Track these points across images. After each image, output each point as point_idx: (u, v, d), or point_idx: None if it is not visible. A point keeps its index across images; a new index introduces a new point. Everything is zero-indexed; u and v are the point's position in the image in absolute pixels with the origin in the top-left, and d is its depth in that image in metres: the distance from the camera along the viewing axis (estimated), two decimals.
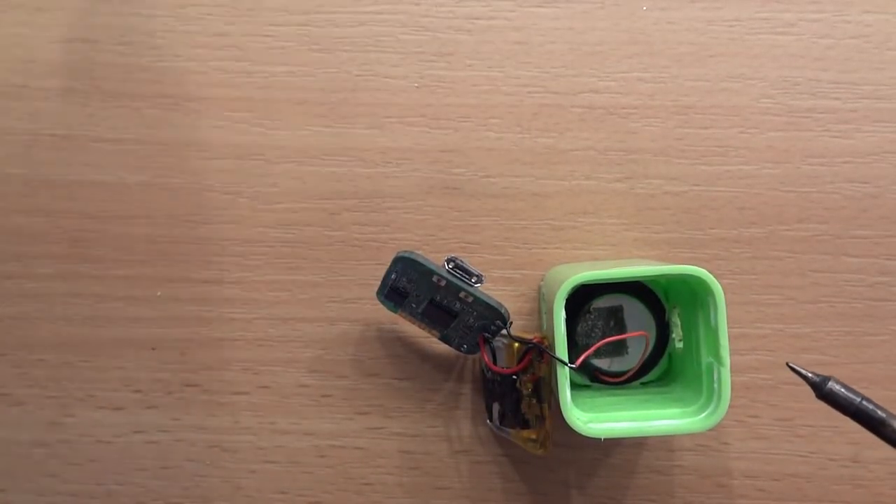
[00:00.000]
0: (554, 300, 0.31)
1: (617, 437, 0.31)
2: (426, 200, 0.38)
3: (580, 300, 0.36)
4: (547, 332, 0.34)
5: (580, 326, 0.36)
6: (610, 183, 0.38)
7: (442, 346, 0.36)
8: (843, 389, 0.27)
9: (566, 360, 0.30)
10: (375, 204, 0.38)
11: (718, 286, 0.30)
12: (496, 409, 0.36)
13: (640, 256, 0.38)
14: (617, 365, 0.36)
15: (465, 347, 0.35)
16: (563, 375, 0.31)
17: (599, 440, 0.32)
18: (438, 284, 0.34)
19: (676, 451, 0.37)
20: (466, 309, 0.34)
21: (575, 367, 0.31)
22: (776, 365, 0.37)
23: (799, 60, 0.38)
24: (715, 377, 0.31)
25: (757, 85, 0.38)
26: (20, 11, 0.39)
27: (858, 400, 0.27)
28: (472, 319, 0.34)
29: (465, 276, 0.34)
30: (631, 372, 0.35)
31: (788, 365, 0.28)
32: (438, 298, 0.34)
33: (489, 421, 0.37)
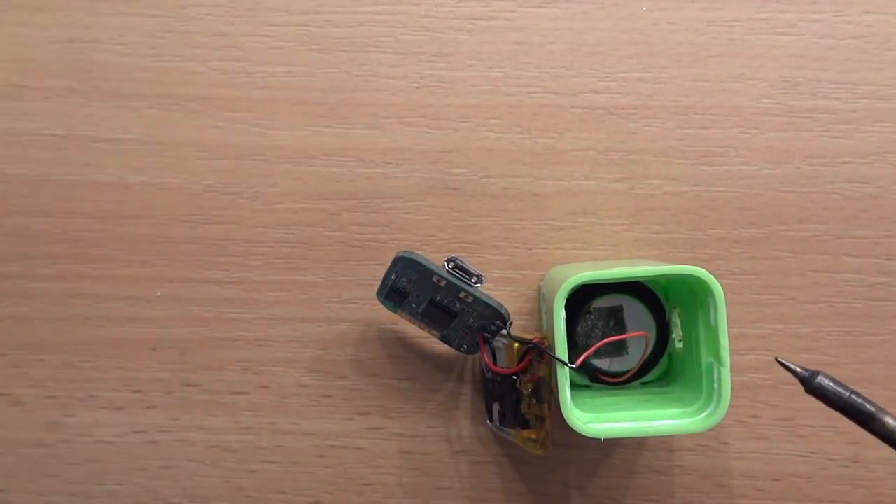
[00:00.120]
0: (554, 300, 0.31)
1: (617, 437, 0.31)
2: (426, 200, 0.38)
3: (580, 300, 0.36)
4: (547, 332, 0.34)
5: (580, 326, 0.36)
6: (610, 183, 0.38)
7: (442, 346, 0.36)
8: (832, 384, 0.27)
9: (566, 360, 0.30)
10: (375, 204, 0.38)
11: (718, 286, 0.30)
12: (496, 409, 0.36)
13: (640, 256, 0.38)
14: (617, 365, 0.36)
15: (465, 347, 0.35)
16: (563, 375, 0.31)
17: (599, 440, 0.32)
18: (438, 284, 0.34)
19: (676, 451, 0.37)
20: (466, 309, 0.34)
21: (575, 367, 0.31)
22: (776, 365, 0.37)
23: (799, 61, 0.38)
24: (715, 377, 0.31)
25: (757, 85, 0.38)
26: (20, 11, 0.39)
27: (847, 394, 0.27)
28: (472, 319, 0.34)
29: (465, 276, 0.34)
30: (631, 372, 0.35)
31: (778, 360, 0.28)
32: (438, 298, 0.34)
33: (489, 421, 0.37)
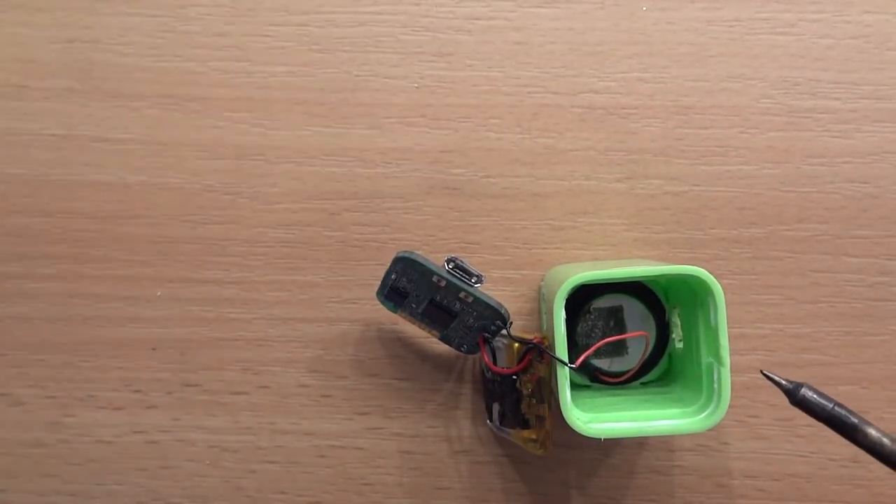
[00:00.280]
0: (554, 300, 0.31)
1: (617, 437, 0.31)
2: (426, 200, 0.38)
3: (580, 300, 0.36)
4: (547, 332, 0.34)
5: (580, 326, 0.36)
6: (610, 183, 0.38)
7: (442, 346, 0.36)
8: (815, 396, 0.27)
9: (566, 360, 0.30)
10: (375, 204, 0.38)
11: (718, 286, 0.30)
12: (496, 409, 0.36)
13: (640, 256, 0.38)
14: (617, 365, 0.36)
15: (465, 347, 0.35)
16: (563, 375, 0.30)
17: (599, 440, 0.32)
18: (438, 284, 0.34)
19: (676, 451, 0.37)
20: (466, 309, 0.34)
21: (575, 367, 0.31)
22: (776, 365, 0.37)
23: (799, 60, 0.38)
24: (715, 377, 0.31)
25: (757, 85, 0.38)
26: (20, 11, 0.39)
27: (831, 406, 0.27)
28: (472, 319, 0.34)
29: (464, 276, 0.34)
30: (631, 372, 0.35)
31: (762, 372, 0.29)
32: (438, 298, 0.34)
33: (489, 421, 0.37)
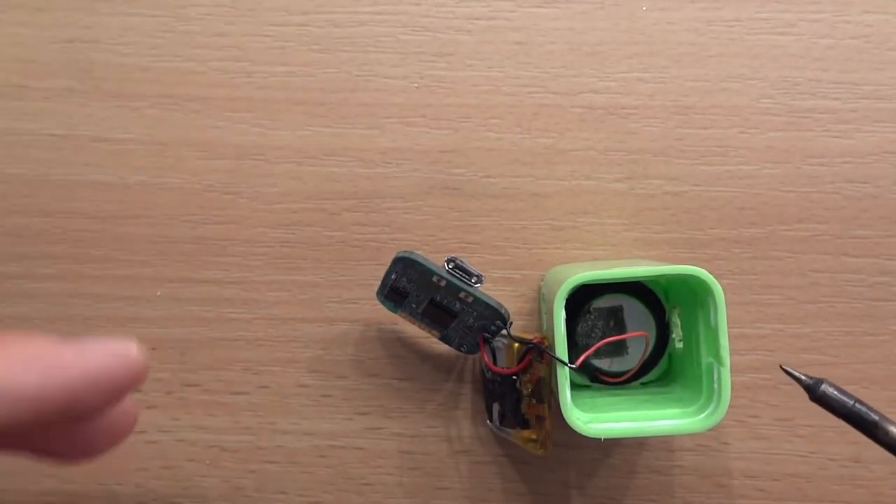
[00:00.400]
0: (554, 300, 0.31)
1: (617, 437, 0.31)
2: (426, 200, 0.38)
3: (580, 300, 0.36)
4: (547, 332, 0.34)
5: (580, 326, 0.36)
6: (610, 183, 0.38)
7: (442, 346, 0.36)
8: (836, 392, 0.27)
9: (566, 360, 0.30)
10: (375, 204, 0.38)
11: (718, 286, 0.30)
12: (496, 409, 0.36)
13: (640, 256, 0.38)
14: (617, 365, 0.36)
15: (465, 347, 0.35)
16: (563, 375, 0.30)
17: (599, 440, 0.32)
18: (438, 284, 0.34)
19: (676, 451, 0.37)
20: (466, 309, 0.34)
21: (575, 367, 0.31)
22: (776, 365, 0.37)
23: (799, 60, 0.38)
24: (715, 377, 0.31)
25: (757, 85, 0.38)
26: (20, 11, 0.39)
27: (851, 403, 0.27)
28: (471, 319, 0.34)
29: (464, 276, 0.34)
30: (631, 372, 0.35)
31: (782, 367, 0.29)
32: (438, 298, 0.34)
33: (489, 421, 0.37)
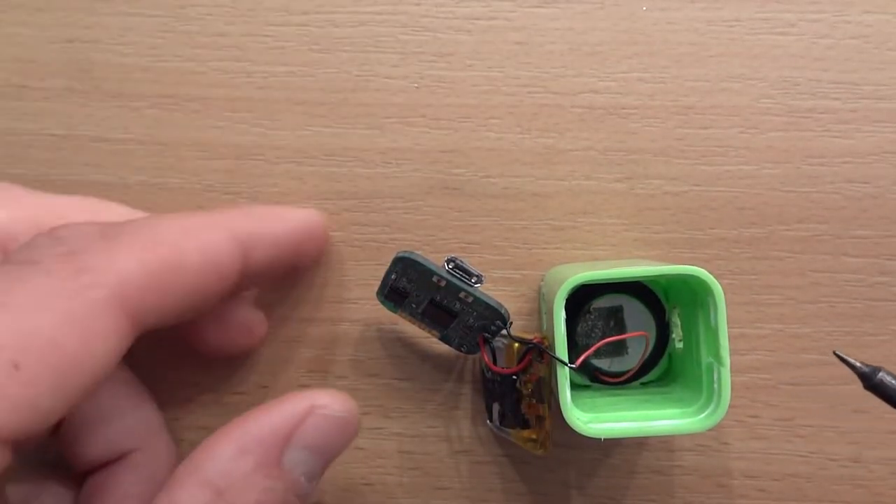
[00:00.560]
0: (554, 300, 0.30)
1: (617, 437, 0.31)
2: (426, 200, 0.38)
3: (580, 300, 0.36)
4: (547, 332, 0.34)
5: (580, 326, 0.36)
6: (610, 183, 0.38)
7: (442, 346, 0.36)
8: (893, 380, 0.27)
9: (566, 360, 0.30)
10: (375, 204, 0.38)
11: (718, 286, 0.30)
12: (496, 409, 0.36)
13: (640, 256, 0.38)
14: (617, 365, 0.36)
15: (465, 347, 0.35)
16: (563, 375, 0.30)
17: (599, 440, 0.32)
18: (438, 284, 0.34)
19: (676, 451, 0.37)
20: (466, 309, 0.34)
21: (575, 367, 0.31)
22: (776, 365, 0.37)
23: (799, 61, 0.38)
24: (715, 377, 0.31)
25: (757, 85, 0.38)
26: (20, 11, 0.39)
27: None
28: (472, 320, 0.34)
29: (465, 276, 0.34)
30: (631, 372, 0.35)
31: (835, 353, 0.28)
32: (438, 298, 0.34)
33: (489, 421, 0.37)
